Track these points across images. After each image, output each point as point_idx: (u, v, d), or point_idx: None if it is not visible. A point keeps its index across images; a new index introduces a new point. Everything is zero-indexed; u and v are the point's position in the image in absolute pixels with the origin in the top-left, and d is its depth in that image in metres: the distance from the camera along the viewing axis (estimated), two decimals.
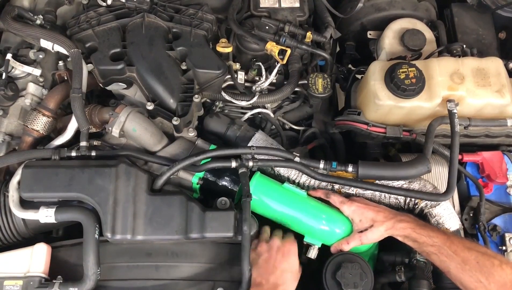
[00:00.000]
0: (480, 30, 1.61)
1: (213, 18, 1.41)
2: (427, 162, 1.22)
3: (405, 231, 1.15)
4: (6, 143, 1.29)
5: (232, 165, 1.19)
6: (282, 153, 1.24)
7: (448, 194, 1.20)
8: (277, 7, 1.49)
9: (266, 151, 1.24)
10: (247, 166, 1.20)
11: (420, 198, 1.25)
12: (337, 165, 1.24)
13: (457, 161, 1.23)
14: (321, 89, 1.39)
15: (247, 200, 1.13)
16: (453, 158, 1.22)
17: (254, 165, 1.20)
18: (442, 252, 1.10)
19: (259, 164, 1.22)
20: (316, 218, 1.23)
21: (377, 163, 1.29)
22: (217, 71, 1.30)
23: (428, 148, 1.25)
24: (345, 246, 1.20)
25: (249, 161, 1.20)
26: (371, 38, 1.61)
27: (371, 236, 1.18)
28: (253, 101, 1.37)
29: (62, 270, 1.13)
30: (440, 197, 1.21)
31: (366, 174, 1.24)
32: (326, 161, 1.25)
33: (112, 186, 1.12)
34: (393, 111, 1.32)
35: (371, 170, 1.24)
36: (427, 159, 1.23)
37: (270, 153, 1.24)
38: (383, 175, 1.24)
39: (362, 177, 1.24)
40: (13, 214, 1.16)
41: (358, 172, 1.23)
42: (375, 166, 1.25)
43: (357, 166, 1.24)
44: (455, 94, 1.28)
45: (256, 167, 1.23)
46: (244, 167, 1.19)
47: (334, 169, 1.25)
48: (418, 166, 1.22)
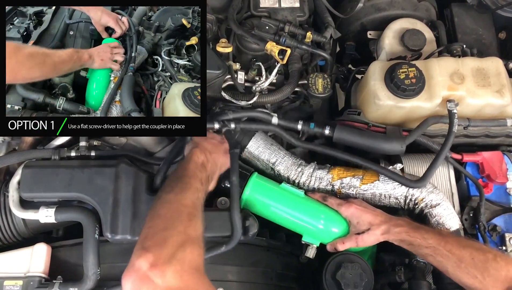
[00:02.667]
0: (480, 30, 1.61)
1: (213, 18, 1.41)
2: (402, 142, 1.27)
3: (400, 235, 1.16)
4: (6, 143, 1.29)
5: (215, 126, 1.25)
6: (258, 114, 1.30)
7: (421, 182, 1.23)
8: (277, 7, 1.49)
9: (243, 114, 1.31)
10: (230, 127, 1.26)
11: (392, 179, 1.27)
12: (315, 126, 1.30)
13: (443, 157, 1.25)
14: (321, 89, 1.39)
15: (235, 152, 1.18)
16: (441, 154, 1.24)
17: (236, 126, 1.27)
18: (437, 252, 1.11)
19: (240, 125, 1.28)
20: (314, 218, 1.23)
21: (354, 130, 1.32)
22: (217, 71, 1.30)
23: (412, 134, 1.28)
24: (340, 246, 1.21)
25: (231, 123, 1.26)
26: (371, 38, 1.61)
27: (367, 239, 1.19)
28: (253, 101, 1.37)
29: (62, 270, 1.13)
30: (411, 184, 1.24)
31: (341, 137, 1.29)
32: (305, 122, 1.32)
33: (112, 186, 1.12)
34: (393, 111, 1.32)
35: (347, 134, 1.29)
36: (403, 140, 1.27)
37: (246, 115, 1.30)
38: (357, 141, 1.29)
39: (337, 140, 1.30)
40: (13, 214, 1.16)
41: (333, 134, 1.29)
42: (351, 131, 1.30)
43: (334, 128, 1.29)
44: (455, 94, 1.28)
45: (238, 128, 1.28)
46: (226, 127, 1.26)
47: (312, 129, 1.30)
48: (393, 142, 1.27)
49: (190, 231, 0.93)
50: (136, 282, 0.83)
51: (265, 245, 1.26)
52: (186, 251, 0.88)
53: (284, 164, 1.32)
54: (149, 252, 0.85)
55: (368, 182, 1.29)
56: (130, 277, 0.84)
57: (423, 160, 1.37)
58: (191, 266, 0.87)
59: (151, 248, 0.86)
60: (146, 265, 0.83)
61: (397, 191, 1.28)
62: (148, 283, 0.82)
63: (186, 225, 0.94)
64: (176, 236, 0.90)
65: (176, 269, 0.84)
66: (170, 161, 1.19)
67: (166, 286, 0.82)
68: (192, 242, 0.91)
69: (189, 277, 0.85)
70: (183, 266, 0.85)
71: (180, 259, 0.86)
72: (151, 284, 0.82)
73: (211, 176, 1.14)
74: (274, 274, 1.24)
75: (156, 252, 0.85)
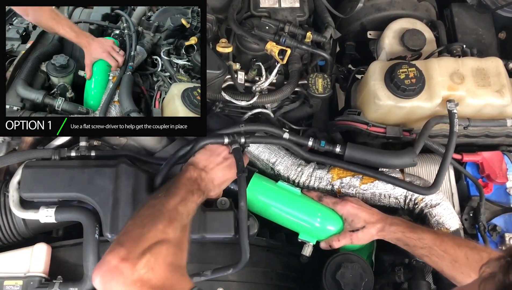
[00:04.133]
0: (480, 30, 1.61)
1: (213, 18, 1.41)
2: (413, 155, 1.25)
3: (396, 234, 1.16)
4: (6, 143, 1.29)
5: (224, 141, 1.21)
6: (271, 129, 1.28)
7: (433, 189, 1.22)
8: (277, 7, 1.49)
9: (256, 127, 1.28)
10: (239, 142, 1.22)
11: (404, 188, 1.26)
12: (326, 144, 1.28)
13: (449, 160, 1.24)
14: (321, 89, 1.39)
15: (242, 176, 1.14)
16: (447, 157, 1.23)
17: (246, 141, 1.23)
18: (432, 253, 1.11)
19: (250, 140, 1.24)
20: (310, 216, 1.24)
21: (365, 148, 1.31)
22: (217, 71, 1.30)
23: (419, 142, 1.27)
24: (335, 243, 1.22)
25: (241, 138, 1.22)
26: (371, 38, 1.61)
27: (362, 237, 1.20)
28: (253, 101, 1.37)
29: (62, 270, 1.13)
30: (424, 191, 1.23)
31: (353, 156, 1.28)
32: (315, 140, 1.30)
33: (112, 186, 1.12)
34: (393, 111, 1.32)
35: (358, 153, 1.28)
36: (415, 152, 1.25)
37: (259, 129, 1.28)
38: (368, 159, 1.28)
39: (348, 158, 1.28)
40: (13, 214, 1.16)
41: (345, 153, 1.27)
42: (362, 150, 1.29)
43: (345, 147, 1.28)
44: (455, 94, 1.28)
45: (248, 143, 1.25)
46: (236, 143, 1.21)
47: (323, 147, 1.28)
48: (404, 157, 1.25)
49: (169, 231, 0.91)
50: (106, 275, 0.82)
51: (265, 245, 1.27)
52: (161, 247, 0.86)
53: (284, 164, 1.32)
54: (123, 247, 0.84)
55: (367, 181, 1.29)
56: (100, 270, 0.83)
57: (423, 160, 1.37)
58: (165, 261, 0.85)
59: (125, 243, 0.85)
60: (117, 259, 0.82)
61: (396, 190, 1.28)
62: (117, 276, 0.81)
63: (166, 225, 0.92)
64: (154, 233, 0.88)
65: (148, 262, 0.83)
66: (172, 162, 1.18)
67: (137, 278, 0.81)
68: (169, 242, 0.89)
69: (161, 270, 0.84)
70: (157, 260, 0.84)
71: (154, 253, 0.85)
72: (121, 276, 0.81)
73: (206, 193, 1.12)
74: (274, 274, 1.24)
75: (129, 246, 0.84)
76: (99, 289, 0.83)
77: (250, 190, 1.22)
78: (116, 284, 0.81)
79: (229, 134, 1.22)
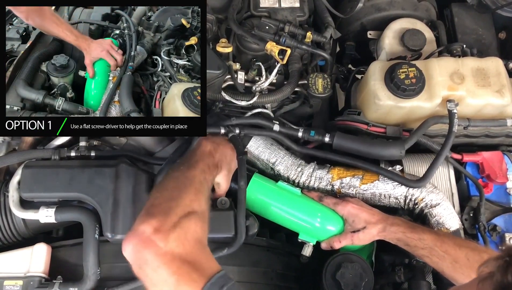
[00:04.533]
0: (480, 30, 1.61)
1: (213, 18, 1.41)
2: (401, 148, 1.27)
3: (397, 234, 1.16)
4: (6, 143, 1.29)
5: (221, 131, 1.24)
6: (261, 121, 1.32)
7: (421, 182, 1.24)
8: (277, 7, 1.49)
9: (246, 120, 1.32)
10: (234, 132, 1.26)
11: (392, 179, 1.27)
12: (315, 133, 1.31)
13: (443, 157, 1.25)
14: (321, 89, 1.39)
15: (243, 158, 1.16)
16: (441, 154, 1.25)
17: (240, 132, 1.27)
18: (433, 253, 1.11)
19: (244, 131, 1.28)
20: (310, 216, 1.24)
21: (354, 137, 1.33)
22: (217, 71, 1.30)
23: (412, 138, 1.28)
24: (336, 244, 1.22)
25: (235, 129, 1.26)
26: (371, 38, 1.61)
27: (362, 237, 1.20)
28: (253, 101, 1.37)
29: (62, 270, 1.13)
30: (412, 184, 1.25)
31: (341, 144, 1.30)
32: (305, 129, 1.33)
33: (112, 186, 1.12)
34: (393, 111, 1.32)
35: (346, 142, 1.30)
36: (403, 146, 1.27)
37: (249, 122, 1.32)
38: (357, 148, 1.30)
39: (337, 147, 1.30)
40: (13, 214, 1.16)
41: (333, 141, 1.30)
42: (350, 139, 1.31)
43: (334, 135, 1.30)
44: (455, 94, 1.28)
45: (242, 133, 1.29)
46: (232, 133, 1.25)
47: (312, 137, 1.31)
48: (392, 148, 1.27)
49: (195, 205, 0.93)
50: (139, 245, 0.84)
51: (265, 245, 1.26)
52: (190, 221, 0.89)
53: (284, 164, 1.32)
54: (154, 218, 0.86)
55: (368, 182, 1.29)
56: (133, 240, 0.85)
57: (423, 160, 1.37)
58: (193, 236, 0.88)
59: (156, 215, 0.87)
60: (150, 230, 0.84)
61: (397, 191, 1.28)
62: (150, 247, 0.83)
63: (192, 199, 0.94)
64: (182, 207, 0.91)
65: (179, 237, 0.85)
66: (173, 162, 1.18)
67: (168, 250, 0.83)
68: (196, 215, 0.91)
69: (191, 245, 0.86)
70: (186, 235, 0.86)
71: (184, 227, 0.87)
72: (154, 247, 0.83)
73: (220, 165, 1.14)
74: (274, 274, 1.24)
75: (161, 218, 0.86)
76: (130, 258, 0.86)
77: (250, 190, 1.22)
78: (148, 253, 0.83)
79: (224, 125, 1.26)
